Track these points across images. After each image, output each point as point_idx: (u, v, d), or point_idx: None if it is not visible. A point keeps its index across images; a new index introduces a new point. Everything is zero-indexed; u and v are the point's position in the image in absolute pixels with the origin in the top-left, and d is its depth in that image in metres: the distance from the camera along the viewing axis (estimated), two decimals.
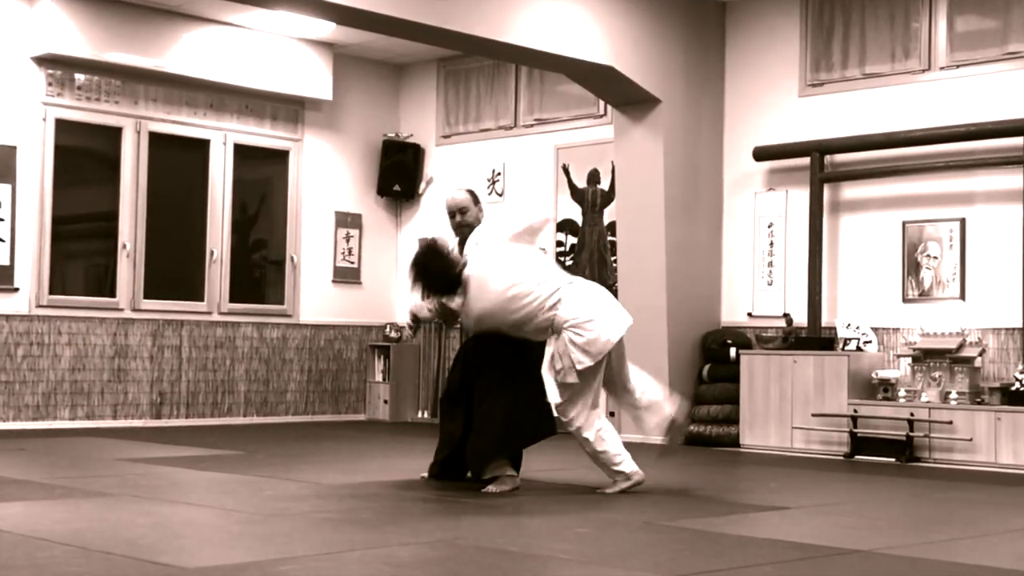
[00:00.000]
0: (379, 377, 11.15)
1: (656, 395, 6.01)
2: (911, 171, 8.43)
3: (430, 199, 11.37)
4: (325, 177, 11.21)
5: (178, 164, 10.38)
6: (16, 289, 9.35)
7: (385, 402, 11.06)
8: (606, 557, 4.14)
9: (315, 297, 11.05)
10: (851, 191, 8.87)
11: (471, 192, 6.20)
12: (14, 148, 9.38)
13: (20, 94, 9.45)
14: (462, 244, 6.00)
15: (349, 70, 11.28)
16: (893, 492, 6.40)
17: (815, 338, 8.62)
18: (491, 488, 5.74)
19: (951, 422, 7.74)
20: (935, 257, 8.37)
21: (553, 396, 5.60)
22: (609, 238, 9.94)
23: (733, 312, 9.40)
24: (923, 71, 8.52)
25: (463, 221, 6.05)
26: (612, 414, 9.48)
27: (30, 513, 4.89)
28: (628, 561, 4.06)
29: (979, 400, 7.85)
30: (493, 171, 10.90)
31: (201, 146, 10.42)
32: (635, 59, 8.85)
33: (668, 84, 9.09)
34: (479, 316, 5.69)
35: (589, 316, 5.62)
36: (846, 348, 8.40)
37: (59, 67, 9.61)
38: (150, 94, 10.09)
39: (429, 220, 11.31)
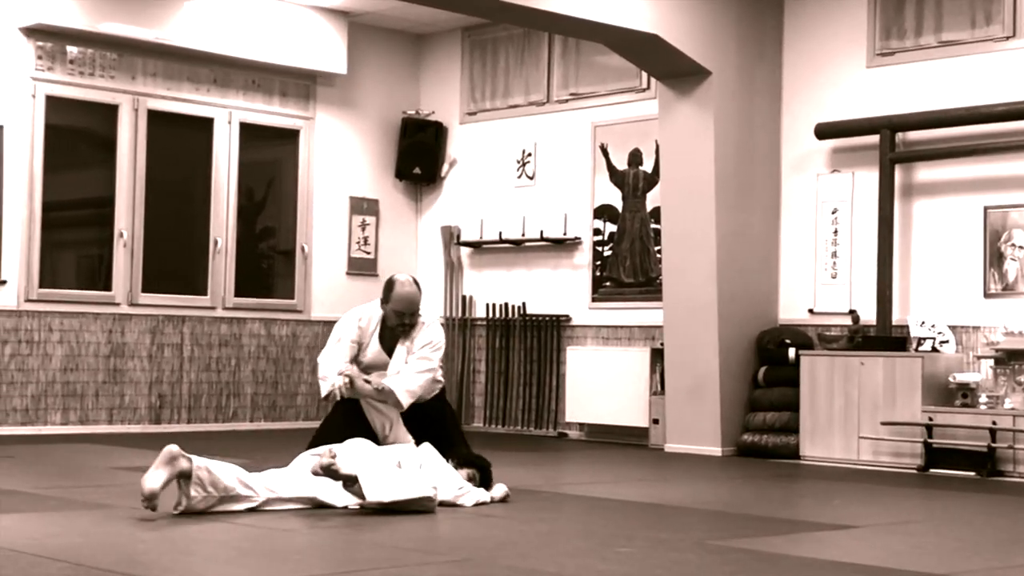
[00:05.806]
0: None
1: None
2: (993, 150, 8.39)
3: (453, 183, 11.39)
4: (339, 159, 11.25)
5: (179, 145, 10.45)
6: (3, 282, 9.43)
7: None
8: None
9: (328, 290, 11.09)
10: (926, 172, 8.83)
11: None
12: (1, 128, 9.45)
13: (7, 69, 9.52)
14: (393, 340, 6.13)
15: (365, 41, 11.31)
16: (972, 510, 6.38)
17: (885, 337, 8.59)
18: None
19: None
20: (1021, 247, 8.33)
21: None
22: (652, 226, 9.94)
23: (792, 308, 9.38)
24: (1007, 38, 8.47)
25: (412, 322, 6.13)
26: (656, 421, 9.48)
27: (20, 526, 4.93)
28: None
29: None
30: (523, 152, 10.91)
31: (204, 125, 10.48)
32: (682, 26, 8.84)
33: (719, 54, 9.07)
34: None
35: None
36: (920, 349, 8.37)
37: (50, 39, 9.68)
38: (149, 68, 10.16)
39: (452, 206, 11.34)
